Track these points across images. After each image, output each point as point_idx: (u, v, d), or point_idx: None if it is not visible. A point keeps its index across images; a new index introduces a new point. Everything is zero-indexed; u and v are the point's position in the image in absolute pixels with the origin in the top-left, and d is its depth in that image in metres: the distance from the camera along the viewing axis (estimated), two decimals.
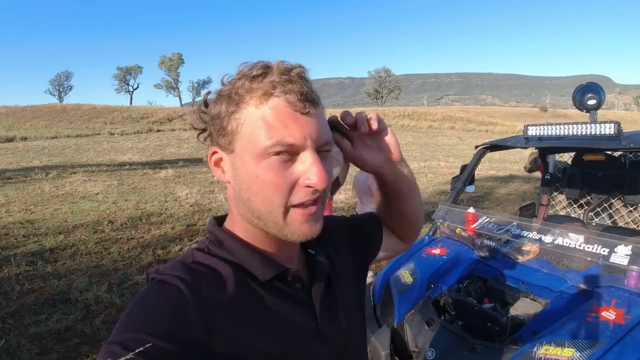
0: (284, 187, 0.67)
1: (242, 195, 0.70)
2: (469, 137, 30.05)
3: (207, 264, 0.72)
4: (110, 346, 0.57)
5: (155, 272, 0.71)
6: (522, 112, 73.06)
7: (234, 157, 0.70)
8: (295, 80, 0.66)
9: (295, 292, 0.77)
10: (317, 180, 0.66)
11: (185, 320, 0.63)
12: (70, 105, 48.42)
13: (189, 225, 7.33)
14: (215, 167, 0.75)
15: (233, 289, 0.70)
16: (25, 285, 4.81)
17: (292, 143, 0.65)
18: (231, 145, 0.69)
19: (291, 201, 0.68)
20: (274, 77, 0.65)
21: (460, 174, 3.65)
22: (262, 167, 0.66)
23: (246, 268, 0.73)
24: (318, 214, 0.71)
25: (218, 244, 0.76)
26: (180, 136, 28.11)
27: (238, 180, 0.70)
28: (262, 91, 0.65)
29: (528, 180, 11.69)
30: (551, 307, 2.16)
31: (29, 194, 10.02)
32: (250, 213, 0.72)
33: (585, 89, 3.01)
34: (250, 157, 0.67)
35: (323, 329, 0.78)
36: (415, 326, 2.41)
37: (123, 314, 0.65)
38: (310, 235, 0.71)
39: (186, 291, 0.66)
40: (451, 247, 2.99)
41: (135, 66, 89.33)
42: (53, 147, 22.22)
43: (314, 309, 0.78)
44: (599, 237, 2.32)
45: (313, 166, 0.66)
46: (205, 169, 14.48)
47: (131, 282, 4.93)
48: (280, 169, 0.66)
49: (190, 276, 0.68)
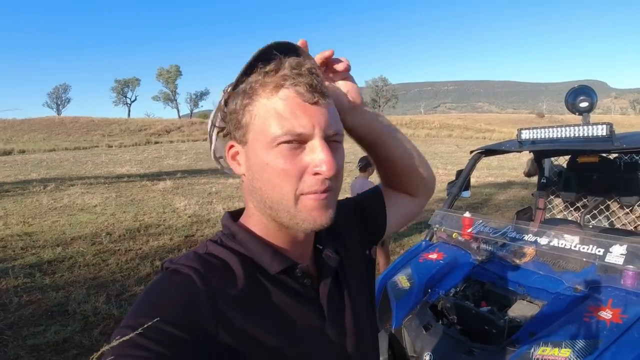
0: (294, 174, 0.68)
1: (255, 184, 0.72)
2: (466, 145, 30.11)
3: (219, 256, 0.74)
4: (122, 330, 0.59)
5: (169, 262, 0.72)
6: (519, 119, 73.37)
7: (247, 148, 0.72)
8: (305, 74, 0.68)
9: (303, 288, 0.78)
10: (326, 168, 0.67)
11: (196, 309, 0.64)
12: (68, 118, 48.51)
13: (188, 236, 7.33)
14: (232, 161, 0.77)
15: (243, 282, 0.71)
16: (23, 297, 4.80)
17: (301, 132, 0.67)
18: (245, 137, 0.71)
19: (301, 189, 0.69)
20: (286, 70, 0.68)
21: (456, 179, 3.67)
22: (272, 155, 0.68)
23: (256, 261, 0.75)
24: (329, 202, 0.71)
25: (231, 237, 0.78)
26: (178, 148, 28.15)
27: (251, 170, 0.72)
28: (273, 84, 0.68)
29: (526, 186, 11.71)
30: (548, 308, 2.16)
31: (26, 207, 10.01)
32: (262, 203, 0.73)
33: (578, 91, 3.03)
34: (261, 147, 0.69)
35: (330, 326, 0.78)
36: (413, 331, 2.40)
37: (136, 301, 0.66)
38: (320, 222, 0.71)
39: (198, 281, 0.67)
40: (448, 252, 2.99)
41: (133, 78, 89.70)
42: (51, 159, 22.23)
43: (321, 306, 0.79)
44: (594, 238, 2.32)
45: (321, 154, 0.67)
46: (204, 179, 14.50)
47: (129, 293, 4.91)
48: (289, 156, 0.67)
49: (203, 267, 0.70)
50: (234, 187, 12.89)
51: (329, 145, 0.69)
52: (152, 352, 0.57)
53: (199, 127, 42.56)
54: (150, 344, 0.57)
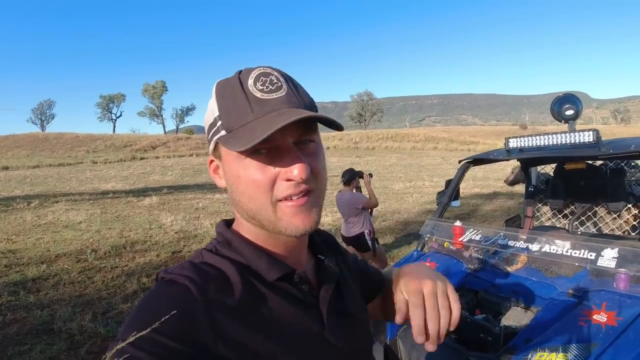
0: (265, 183, 0.67)
1: (234, 197, 0.72)
2: (452, 157, 30.43)
3: (215, 265, 0.73)
4: (118, 344, 0.57)
5: (164, 272, 0.71)
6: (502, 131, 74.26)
7: (222, 162, 0.73)
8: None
9: (302, 294, 0.76)
10: (297, 173, 0.65)
11: (193, 320, 0.63)
12: (52, 134, 48.04)
13: (175, 252, 7.25)
14: (214, 175, 0.78)
15: (240, 290, 0.69)
16: (7, 315, 4.69)
17: (267, 140, 0.63)
18: (218, 151, 0.73)
19: (275, 196, 0.68)
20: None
21: (445, 188, 3.68)
22: (242, 167, 0.68)
23: (253, 268, 0.73)
24: (309, 206, 0.70)
25: (226, 245, 0.77)
26: (164, 163, 27.99)
27: (228, 183, 0.73)
28: None
29: (512, 196, 11.83)
30: (543, 314, 2.16)
31: (10, 224, 9.85)
32: (245, 213, 0.73)
33: (563, 100, 3.08)
34: (232, 160, 0.69)
35: (330, 333, 0.76)
36: (408, 342, 2.38)
37: (132, 312, 0.65)
38: (304, 227, 0.70)
39: (195, 291, 0.66)
40: (440, 261, 2.98)
41: (118, 94, 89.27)
42: (35, 176, 21.97)
43: (320, 312, 0.77)
44: (585, 242, 2.33)
45: (290, 160, 0.66)
46: (190, 195, 14.43)
47: (116, 311, 4.82)
48: (259, 166, 0.67)
49: (199, 276, 0.68)
50: (221, 202, 12.83)
51: (301, 147, 0.69)
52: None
53: (185, 142, 42.38)
54: (146, 357, 0.56)
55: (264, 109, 0.66)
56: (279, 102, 0.67)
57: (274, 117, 0.65)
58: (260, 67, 0.70)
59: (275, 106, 0.67)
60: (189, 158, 32.48)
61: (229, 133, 0.68)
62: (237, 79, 0.70)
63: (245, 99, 0.67)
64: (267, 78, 0.68)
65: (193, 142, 42.50)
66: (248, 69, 0.71)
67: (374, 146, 40.49)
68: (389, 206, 11.56)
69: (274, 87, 0.68)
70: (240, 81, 0.69)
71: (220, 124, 0.69)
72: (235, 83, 0.69)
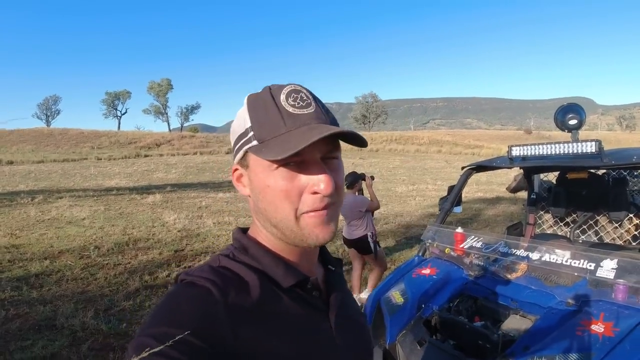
0: (293, 194, 0.71)
1: (259, 205, 0.76)
2: (456, 160, 30.36)
3: (233, 269, 0.76)
4: (141, 338, 0.61)
5: (185, 274, 0.75)
6: (507, 135, 74.13)
7: (249, 171, 0.76)
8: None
9: (313, 299, 0.80)
10: (324, 187, 0.70)
11: (214, 319, 0.66)
12: (57, 129, 48.10)
13: (177, 251, 7.27)
14: (237, 183, 0.81)
15: (257, 294, 0.73)
16: (10, 310, 4.73)
17: (298, 153, 0.68)
18: (246, 161, 0.76)
19: (301, 209, 0.72)
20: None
21: (448, 194, 3.70)
22: (272, 177, 0.71)
23: (269, 274, 0.77)
24: (328, 218, 0.74)
25: (243, 251, 0.80)
26: (168, 161, 28.03)
27: (254, 192, 0.76)
28: None
29: (515, 201, 11.81)
30: (541, 322, 2.18)
31: (14, 219, 9.91)
32: (268, 222, 0.76)
33: (567, 109, 3.09)
34: (262, 170, 0.73)
35: (338, 337, 0.81)
36: (407, 346, 2.40)
37: (153, 310, 0.68)
38: (323, 238, 0.74)
39: (215, 293, 0.69)
40: (441, 267, 3.00)
41: (124, 91, 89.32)
42: (39, 171, 22.00)
43: (329, 318, 0.81)
44: (585, 252, 2.35)
45: (317, 174, 0.71)
46: (194, 193, 14.44)
47: (118, 308, 4.86)
48: (288, 177, 0.71)
49: (219, 279, 0.72)
50: (224, 201, 12.86)
51: (326, 162, 0.73)
52: (170, 359, 0.58)
53: (189, 140, 42.44)
54: (169, 351, 0.59)
55: (295, 122, 0.71)
56: (309, 118, 0.72)
57: (305, 130, 0.69)
58: (291, 84, 0.75)
59: (306, 121, 0.71)
60: (193, 156, 32.50)
61: (261, 143, 0.72)
62: (269, 94, 0.74)
63: (277, 112, 0.72)
64: (297, 95, 0.73)
65: (197, 140, 42.53)
66: (279, 85, 0.76)
67: (378, 148, 40.43)
68: (391, 209, 11.57)
69: (304, 103, 0.73)
70: (272, 96, 0.73)
71: (252, 135, 0.73)
72: (267, 97, 0.74)
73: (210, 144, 40.33)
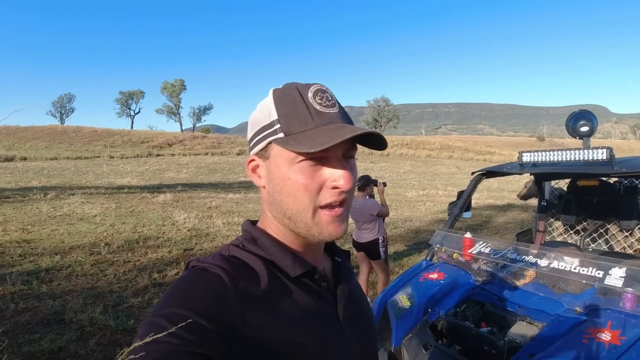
0: (313, 187, 0.74)
1: (275, 197, 0.78)
2: (467, 166, 30.18)
3: (242, 259, 0.79)
4: (154, 318, 0.64)
5: (196, 261, 0.77)
6: (519, 142, 73.60)
7: (269, 163, 0.78)
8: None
9: (321, 289, 0.83)
10: (344, 182, 0.73)
11: (225, 304, 0.69)
12: (71, 127, 48.56)
13: (186, 250, 7.32)
14: (252, 174, 0.83)
15: (266, 282, 0.76)
16: (20, 304, 4.78)
17: (322, 149, 0.71)
18: (267, 152, 0.78)
19: (319, 202, 0.75)
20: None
21: (457, 199, 3.69)
22: (293, 170, 0.74)
23: (278, 264, 0.80)
24: (343, 217, 0.78)
25: (252, 242, 0.83)
26: (179, 161, 28.19)
27: (272, 183, 0.78)
28: None
29: (526, 209, 11.73)
30: (548, 330, 2.16)
31: (26, 214, 10.01)
32: (282, 214, 0.79)
33: (578, 116, 3.07)
34: (284, 162, 0.75)
35: (345, 327, 0.83)
36: (412, 350, 2.40)
37: (164, 293, 0.71)
38: (335, 235, 0.78)
39: (226, 279, 0.72)
40: (448, 272, 2.99)
41: (137, 91, 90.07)
42: (52, 168, 22.23)
43: (336, 307, 0.84)
44: (594, 260, 2.34)
45: (339, 169, 0.74)
46: (204, 193, 14.50)
47: (126, 304, 4.90)
48: (310, 172, 0.74)
49: (230, 267, 0.75)
50: (234, 202, 12.91)
51: (346, 160, 0.76)
52: (181, 339, 0.61)
53: (200, 141, 42.62)
54: (179, 331, 0.61)
55: (323, 120, 0.74)
56: (335, 117, 0.76)
57: (335, 128, 0.73)
58: (316, 84, 0.78)
59: (333, 119, 0.75)
60: (204, 157, 32.66)
61: (287, 136, 0.74)
62: (297, 90, 0.77)
63: (305, 108, 0.75)
64: (324, 94, 0.77)
65: (209, 141, 42.70)
66: (303, 83, 0.79)
67: (389, 152, 40.31)
68: (401, 213, 11.54)
69: (329, 103, 0.77)
70: (300, 92, 0.76)
71: (279, 127, 0.75)
72: (295, 93, 0.77)
73: (222, 145, 40.49)
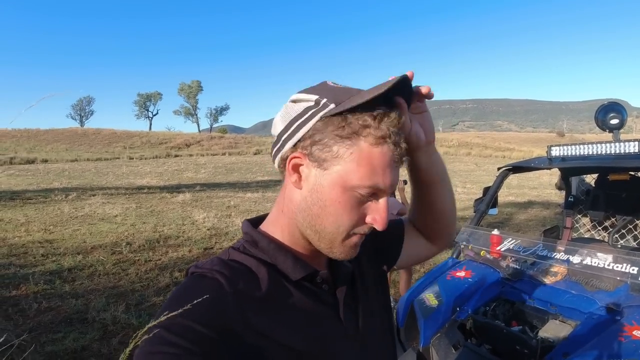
0: (356, 217, 0.73)
1: (313, 209, 0.74)
2: (485, 163, 29.82)
3: (242, 262, 0.77)
4: (154, 328, 0.64)
5: (195, 267, 0.76)
6: (539, 138, 72.66)
7: (324, 174, 0.71)
8: (401, 136, 0.73)
9: (322, 292, 0.81)
10: (381, 225, 0.74)
11: (224, 310, 0.68)
12: (91, 129, 49.34)
13: (206, 249, 7.35)
14: (293, 172, 0.74)
15: (266, 286, 0.74)
16: (42, 303, 4.84)
17: (382, 189, 0.72)
18: (327, 163, 0.70)
19: (354, 231, 0.75)
20: (391, 125, 0.70)
21: (483, 196, 3.61)
22: (346, 196, 0.71)
23: (279, 267, 0.78)
24: (362, 240, 0.79)
25: (253, 244, 0.81)
26: (197, 161, 28.41)
27: (316, 194, 0.73)
28: (381, 133, 0.69)
29: (548, 206, 11.55)
30: (581, 328, 2.10)
31: (48, 215, 10.18)
32: (310, 225, 0.76)
33: (608, 108, 2.99)
34: (342, 184, 0.71)
35: (346, 327, 0.82)
36: (441, 350, 2.35)
37: (165, 302, 0.70)
38: (351, 256, 0.78)
39: (225, 284, 0.71)
40: (476, 270, 2.93)
41: (155, 93, 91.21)
42: (73, 169, 22.60)
43: (338, 309, 0.82)
44: (628, 257, 2.26)
45: (383, 212, 0.73)
46: (222, 193, 14.57)
47: (149, 303, 4.93)
48: (359, 203, 0.73)
49: (228, 271, 0.74)
50: (252, 201, 12.95)
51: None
52: (182, 349, 0.61)
53: (218, 141, 42.89)
54: (180, 341, 0.61)
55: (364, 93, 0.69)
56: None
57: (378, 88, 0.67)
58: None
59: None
60: (221, 157, 32.86)
61: (339, 105, 0.69)
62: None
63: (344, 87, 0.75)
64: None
65: (226, 141, 42.95)
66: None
67: None
68: None
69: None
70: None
71: (326, 101, 0.71)
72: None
73: (239, 145, 40.67)
